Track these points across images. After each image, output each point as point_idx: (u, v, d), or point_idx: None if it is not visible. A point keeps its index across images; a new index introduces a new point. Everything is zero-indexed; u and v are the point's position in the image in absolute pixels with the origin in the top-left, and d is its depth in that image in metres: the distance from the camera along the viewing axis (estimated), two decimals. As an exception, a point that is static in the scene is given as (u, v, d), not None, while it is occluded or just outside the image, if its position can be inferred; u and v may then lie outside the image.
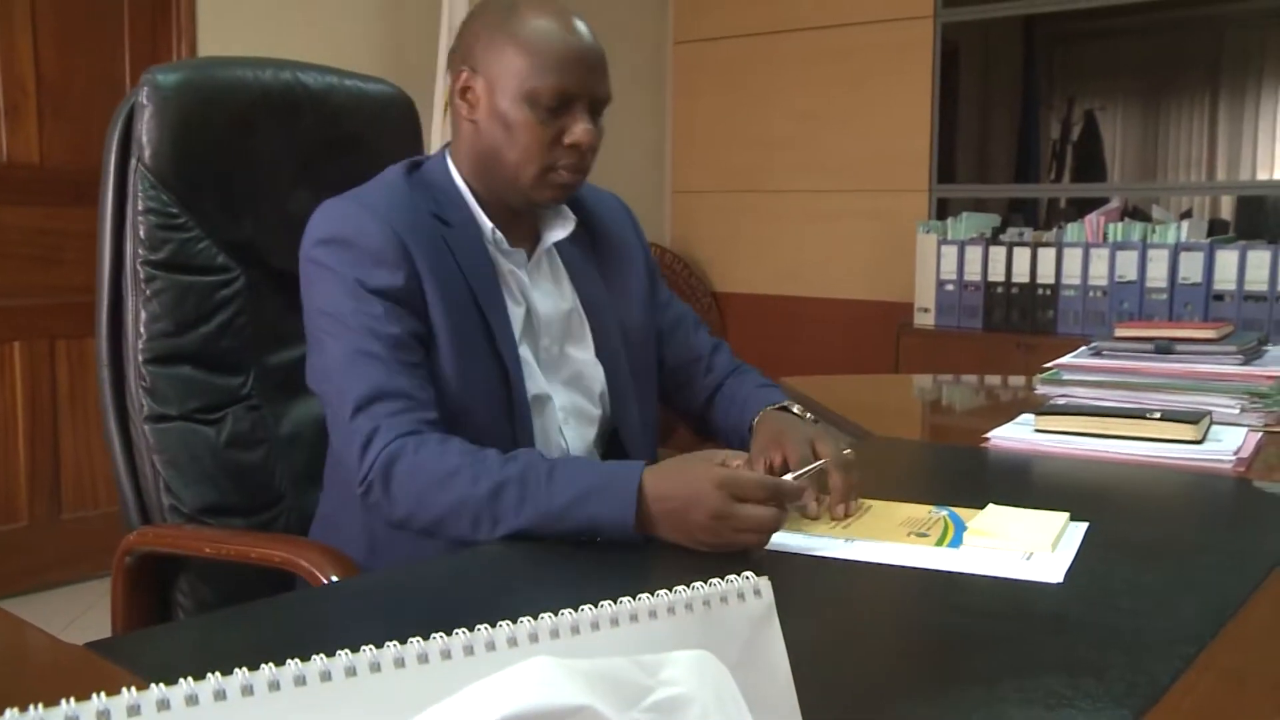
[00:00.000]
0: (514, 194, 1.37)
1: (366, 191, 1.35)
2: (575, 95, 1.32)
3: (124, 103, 1.45)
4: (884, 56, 4.39)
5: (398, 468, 1.19)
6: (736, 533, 1.08)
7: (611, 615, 0.48)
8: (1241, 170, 4.12)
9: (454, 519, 1.16)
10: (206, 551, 1.32)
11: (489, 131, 1.34)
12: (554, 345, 1.42)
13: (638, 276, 1.55)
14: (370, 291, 1.27)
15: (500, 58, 1.32)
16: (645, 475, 1.12)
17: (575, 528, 1.13)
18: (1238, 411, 1.73)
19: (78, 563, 3.33)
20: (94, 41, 3.34)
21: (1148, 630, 0.90)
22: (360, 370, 1.24)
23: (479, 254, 1.36)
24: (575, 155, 1.34)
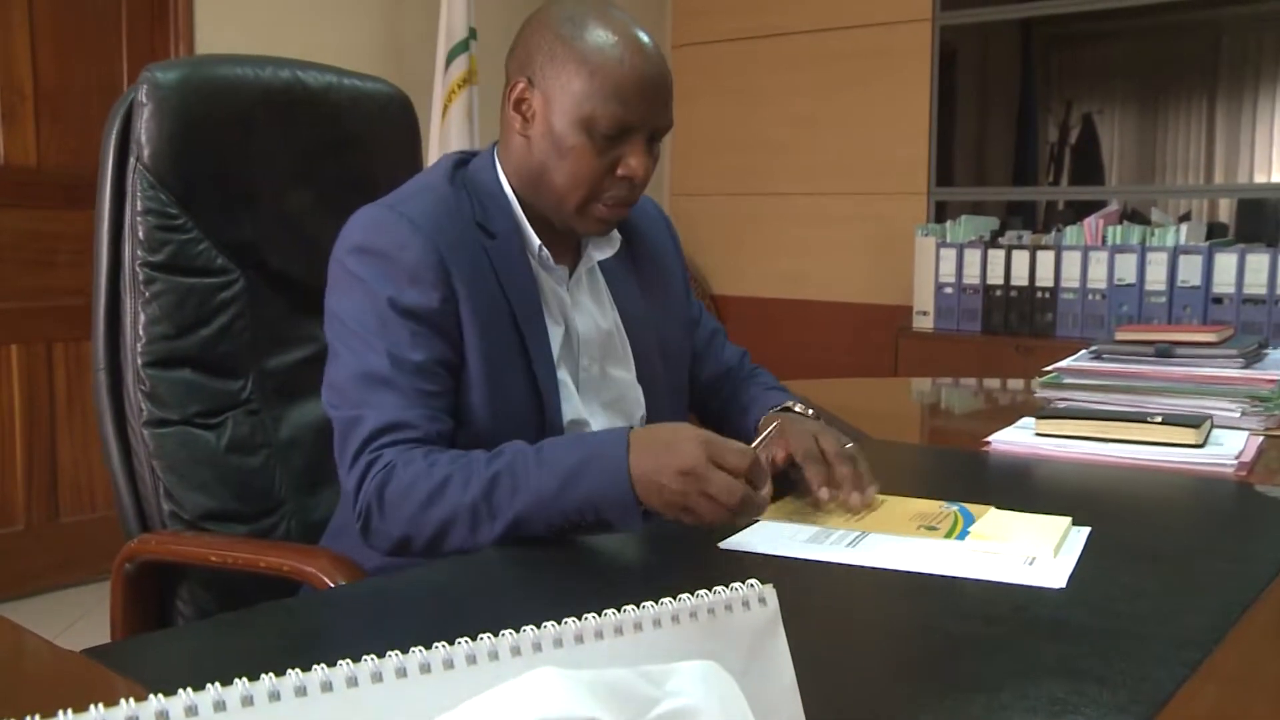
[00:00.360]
0: (557, 217, 1.32)
1: (408, 199, 1.29)
2: (636, 126, 1.26)
3: (121, 100, 1.43)
4: (882, 60, 4.39)
5: (388, 491, 1.16)
6: (702, 496, 1.06)
7: (615, 624, 0.48)
8: (1239, 173, 4.13)
9: (453, 529, 1.13)
10: (212, 560, 1.30)
11: (540, 149, 1.28)
12: (594, 366, 1.38)
13: (676, 291, 1.53)
14: (401, 312, 1.22)
15: (561, 74, 1.25)
16: (632, 436, 1.11)
17: (575, 507, 1.10)
18: (1238, 415, 1.73)
19: (75, 567, 3.33)
20: (91, 44, 3.34)
21: (1151, 636, 0.90)
22: (372, 398, 1.20)
23: (521, 269, 1.31)
24: (626, 187, 1.28)
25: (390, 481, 1.15)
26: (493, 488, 1.12)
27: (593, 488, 1.09)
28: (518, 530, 1.12)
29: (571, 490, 1.10)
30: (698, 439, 1.08)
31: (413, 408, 1.20)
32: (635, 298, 1.45)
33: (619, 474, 1.09)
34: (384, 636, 0.92)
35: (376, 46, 3.92)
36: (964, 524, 1.18)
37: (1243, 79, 4.11)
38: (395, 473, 1.16)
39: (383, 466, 1.16)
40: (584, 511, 1.10)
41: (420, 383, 1.21)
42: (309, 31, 3.69)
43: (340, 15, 3.81)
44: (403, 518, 1.15)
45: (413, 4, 4.01)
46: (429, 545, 1.16)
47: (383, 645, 0.90)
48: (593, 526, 1.12)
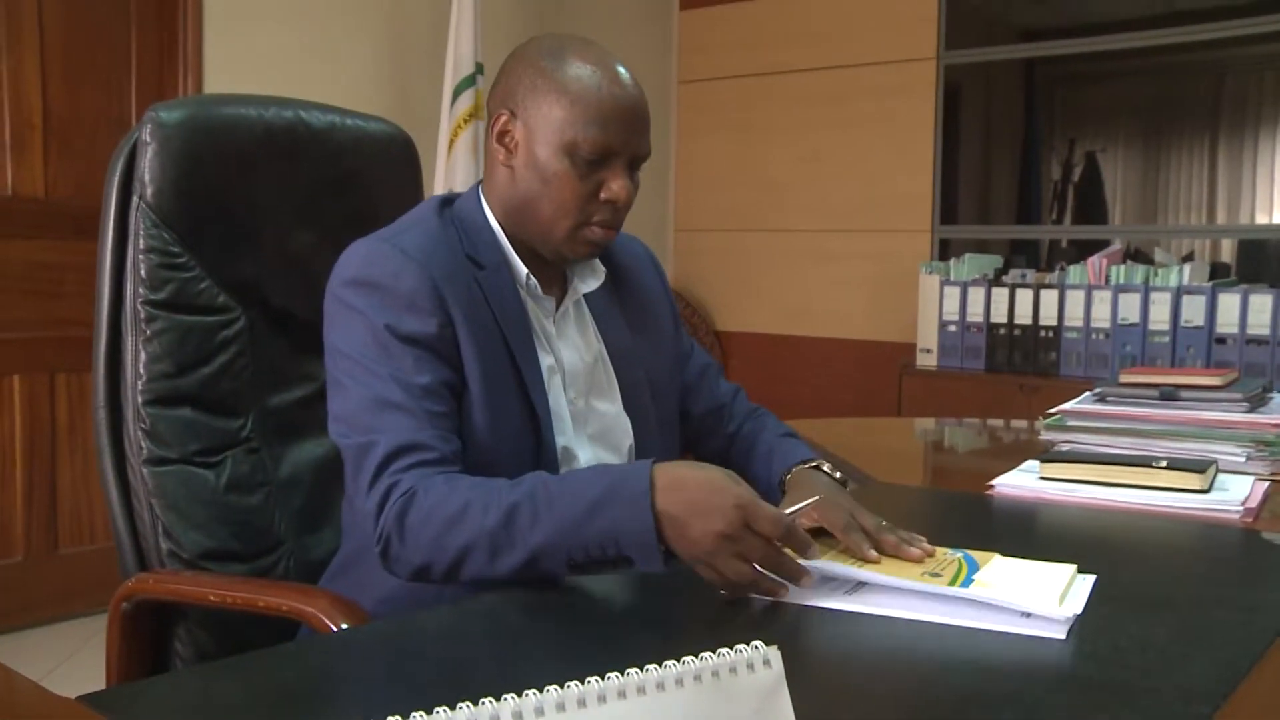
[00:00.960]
0: (545, 246, 1.34)
1: (400, 232, 1.31)
2: (616, 151, 1.29)
3: (125, 140, 1.44)
4: (887, 98, 4.41)
5: (409, 518, 1.15)
6: (735, 559, 1.05)
7: (619, 688, 0.47)
8: (1241, 214, 4.13)
9: (473, 555, 1.12)
10: (211, 600, 1.29)
11: (525, 179, 1.32)
12: (580, 399, 1.39)
13: (664, 326, 1.53)
14: (401, 339, 1.23)
15: (542, 104, 1.29)
16: (656, 474, 1.09)
17: (596, 541, 1.08)
18: (1243, 459, 1.72)
19: (74, 598, 3.31)
20: (101, 77, 3.36)
21: (1159, 689, 0.88)
22: (385, 422, 1.20)
23: (512, 299, 1.33)
24: (610, 211, 1.31)
25: (411, 508, 1.15)
26: (513, 516, 1.11)
27: (615, 520, 1.08)
28: (537, 564, 1.11)
29: (593, 521, 1.08)
30: (735, 501, 1.05)
31: (425, 429, 1.20)
32: (621, 332, 1.46)
33: (641, 507, 1.07)
34: (385, 684, 0.91)
35: (383, 81, 3.94)
36: (968, 571, 1.17)
37: (1244, 120, 4.12)
38: (416, 499, 1.15)
39: (403, 493, 1.16)
40: (605, 544, 1.08)
41: (429, 404, 1.22)
42: (316, 66, 3.71)
43: (347, 50, 3.83)
44: (423, 544, 1.14)
45: (419, 39, 4.04)
46: (448, 572, 1.14)
47: (384, 694, 0.89)
48: (613, 562, 1.10)
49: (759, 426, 1.56)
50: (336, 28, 3.80)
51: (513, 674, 0.93)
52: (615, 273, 1.48)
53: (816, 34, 4.58)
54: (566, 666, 0.94)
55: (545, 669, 0.91)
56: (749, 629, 1.04)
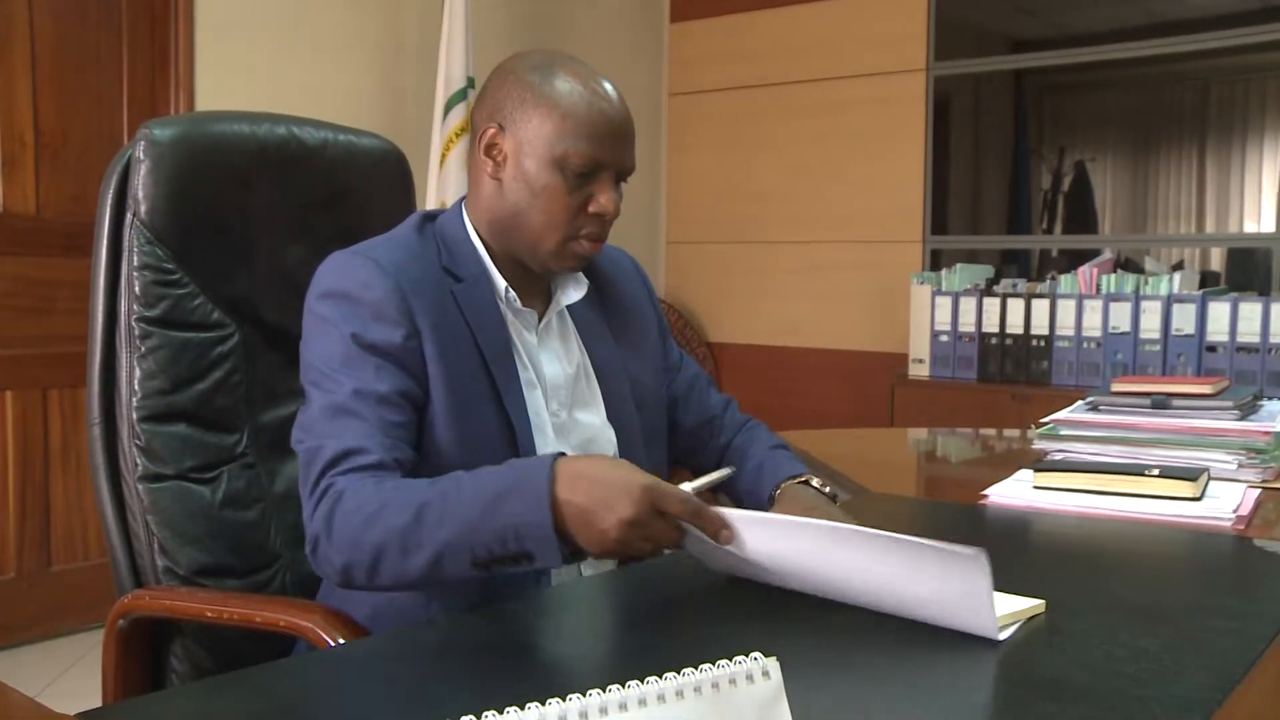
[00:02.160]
0: (532, 258, 1.36)
1: (374, 244, 1.33)
2: (605, 164, 1.32)
3: (119, 156, 1.44)
4: (877, 109, 4.43)
5: (334, 519, 1.16)
6: (643, 543, 1.06)
7: (620, 700, 0.47)
8: (1230, 222, 4.16)
9: (387, 555, 1.13)
10: (208, 616, 1.29)
11: (513, 192, 1.33)
12: (562, 410, 1.40)
13: (650, 337, 1.54)
14: (365, 348, 1.25)
15: (532, 118, 1.31)
16: (559, 467, 1.09)
17: (497, 535, 1.08)
18: (1235, 467, 1.73)
19: (67, 615, 3.30)
20: (92, 93, 3.37)
21: (1153, 698, 0.89)
22: (335, 429, 1.21)
23: (490, 311, 1.34)
24: (598, 224, 1.34)
25: (336, 509, 1.16)
26: (422, 513, 1.11)
27: (515, 513, 1.08)
28: (443, 562, 1.11)
29: (495, 515, 1.08)
30: (639, 487, 1.05)
31: (373, 435, 1.21)
32: (606, 343, 1.47)
33: (541, 499, 1.07)
34: (379, 699, 0.92)
35: (375, 95, 3.95)
36: None
37: (1231, 129, 4.15)
38: (342, 500, 1.16)
39: (335, 494, 1.17)
40: (506, 538, 1.08)
41: (384, 412, 1.23)
42: (308, 81, 3.72)
43: (340, 65, 3.84)
44: (344, 545, 1.15)
45: (411, 53, 4.05)
46: (368, 573, 1.15)
47: (379, 705, 0.89)
48: (516, 559, 1.09)
49: (750, 439, 1.56)
50: (328, 43, 3.81)
51: (511, 688, 0.93)
52: (600, 284, 1.49)
53: (806, 46, 4.60)
54: (565, 680, 0.94)
55: (544, 683, 0.91)
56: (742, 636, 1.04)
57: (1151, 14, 4.10)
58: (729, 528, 1.07)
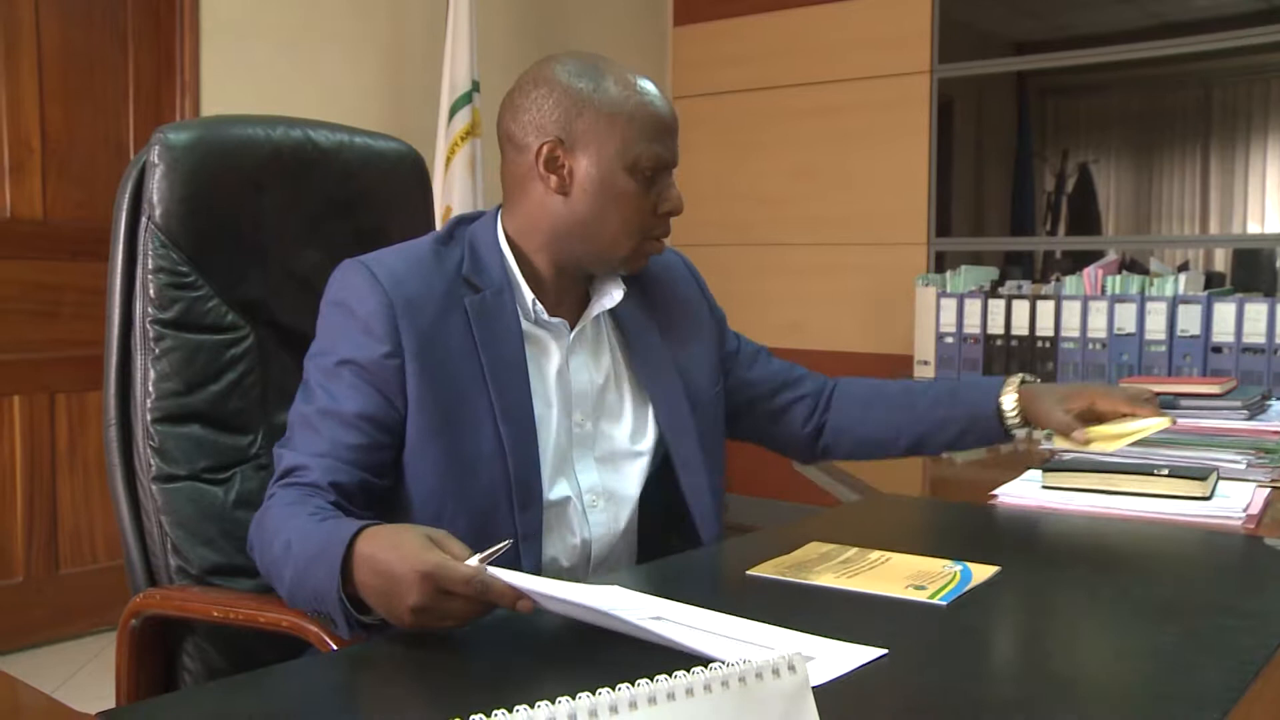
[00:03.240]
0: (602, 265, 1.37)
1: (383, 254, 1.34)
2: (669, 163, 1.35)
3: (135, 161, 1.45)
4: (881, 112, 4.44)
5: (254, 526, 1.24)
6: (440, 620, 1.02)
7: (649, 694, 0.48)
8: (1234, 223, 4.16)
9: (270, 574, 1.20)
10: (214, 615, 1.30)
11: (583, 204, 1.33)
12: (586, 421, 1.39)
13: (704, 334, 1.53)
14: (345, 362, 1.27)
15: (597, 128, 1.31)
16: (358, 544, 1.07)
17: (310, 594, 1.10)
18: (1244, 466, 1.73)
19: (74, 619, 3.31)
20: (99, 99, 3.37)
21: (1168, 695, 0.89)
22: (296, 440, 1.27)
23: (505, 325, 1.33)
24: (666, 224, 1.37)
25: (260, 519, 1.23)
26: (284, 553, 1.15)
27: (318, 580, 1.09)
28: (295, 602, 1.16)
29: (309, 576, 1.11)
30: (419, 575, 1.00)
31: (321, 455, 1.24)
32: (655, 345, 1.46)
33: (333, 574, 1.07)
34: (393, 700, 0.92)
35: (380, 99, 3.96)
36: (959, 584, 1.18)
37: (1234, 130, 4.15)
38: (265, 512, 1.22)
39: (265, 505, 1.24)
40: (315, 599, 1.10)
41: (341, 433, 1.25)
42: (314, 85, 3.73)
43: (344, 69, 3.85)
44: (255, 556, 1.24)
45: (416, 57, 4.06)
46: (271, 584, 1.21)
47: (392, 709, 0.90)
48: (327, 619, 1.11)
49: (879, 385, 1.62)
50: (334, 47, 3.82)
51: (534, 686, 0.94)
52: (646, 284, 1.48)
53: (810, 49, 4.61)
54: (588, 677, 0.95)
55: (567, 680, 0.92)
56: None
57: (1154, 15, 4.11)
58: (526, 600, 1.00)
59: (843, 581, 1.20)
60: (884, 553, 1.30)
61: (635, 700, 0.47)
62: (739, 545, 1.44)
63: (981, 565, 1.24)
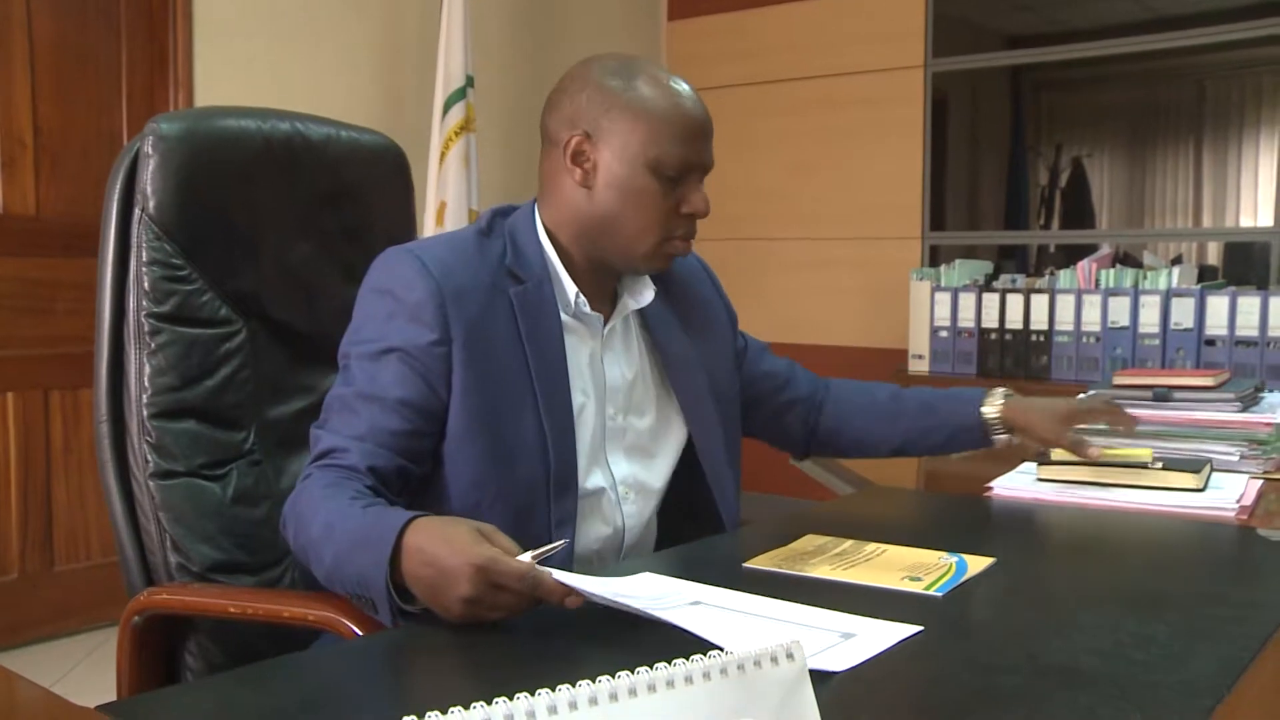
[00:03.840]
0: (624, 261, 1.37)
1: (430, 243, 1.36)
2: (695, 165, 1.35)
3: (125, 151, 1.44)
4: (875, 106, 4.44)
5: (286, 508, 1.24)
6: (489, 612, 1.03)
7: (649, 681, 0.48)
8: (1227, 217, 4.17)
9: (307, 556, 1.20)
10: (231, 612, 1.28)
11: (605, 199, 1.34)
12: (619, 414, 1.41)
13: (721, 331, 1.57)
14: (393, 349, 1.27)
15: (620, 124, 1.33)
16: (407, 534, 1.08)
17: (353, 578, 1.11)
18: (1237, 458, 1.74)
19: (70, 616, 3.30)
20: (92, 94, 3.36)
21: (1162, 684, 0.90)
22: (336, 423, 1.27)
23: (547, 316, 1.35)
24: (690, 224, 1.37)
25: (297, 499, 1.23)
26: (326, 534, 1.16)
27: (363, 566, 1.10)
28: (333, 584, 1.16)
29: (352, 561, 1.12)
30: (472, 568, 1.01)
31: (361, 438, 1.25)
32: (680, 341, 1.49)
33: (381, 563, 1.08)
34: (400, 691, 0.92)
35: (374, 94, 3.95)
36: (954, 575, 1.19)
37: (1227, 124, 4.16)
38: (302, 492, 1.23)
39: (301, 485, 1.24)
40: (359, 586, 1.11)
41: (382, 417, 1.26)
42: (308, 79, 3.72)
43: (338, 63, 3.85)
44: (291, 532, 1.24)
45: (410, 51, 4.05)
46: (306, 564, 1.22)
47: (399, 700, 0.90)
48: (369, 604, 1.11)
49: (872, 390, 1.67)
50: (328, 41, 3.81)
51: (536, 673, 0.94)
52: (669, 284, 1.51)
53: (804, 44, 4.61)
54: (595, 665, 0.95)
55: (568, 668, 0.92)
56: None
57: (1148, 9, 4.11)
58: (575, 596, 1.02)
59: (838, 573, 1.20)
60: (880, 545, 1.31)
61: (635, 687, 0.48)
62: (736, 538, 1.45)
63: (977, 557, 1.25)
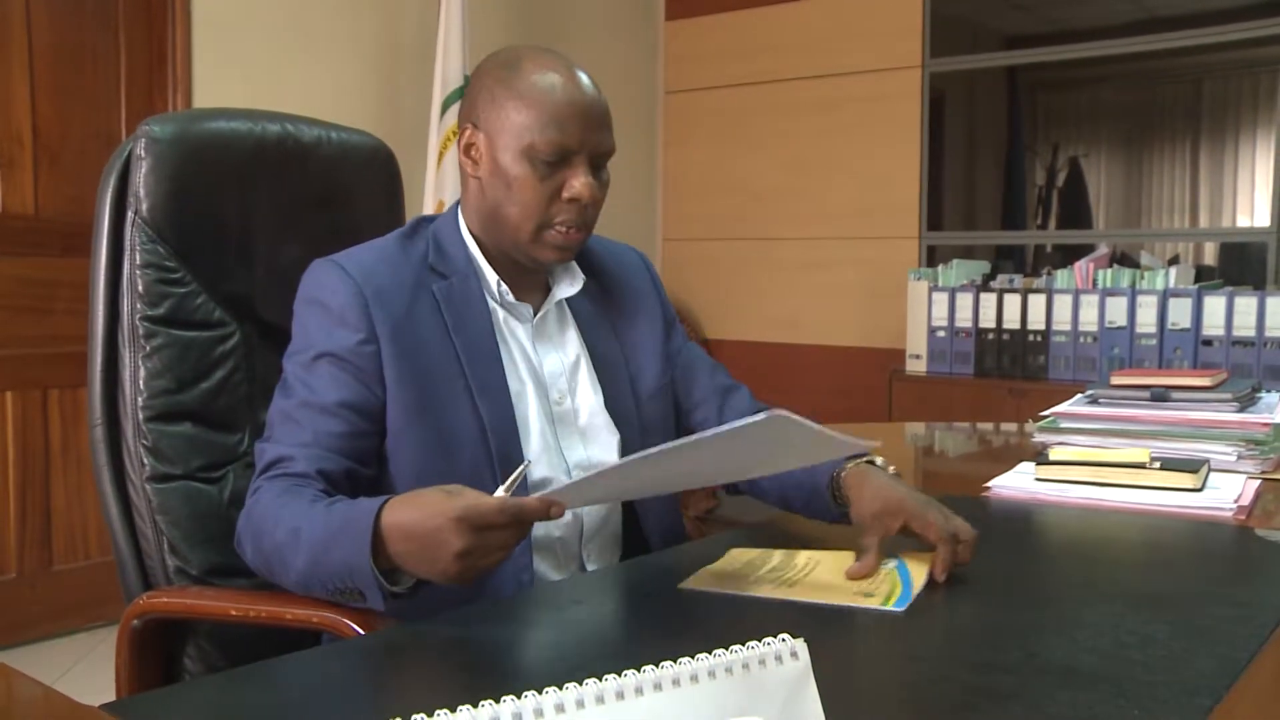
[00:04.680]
0: (518, 251, 1.37)
1: (351, 251, 1.36)
2: (574, 150, 1.32)
3: (117, 154, 1.43)
4: (873, 106, 4.45)
5: (246, 519, 1.24)
6: (486, 557, 1.05)
7: (655, 680, 0.48)
8: (1224, 217, 4.18)
9: (272, 564, 1.20)
10: (233, 615, 1.28)
11: (491, 188, 1.35)
12: (565, 399, 1.41)
13: (652, 331, 1.54)
14: (324, 355, 1.29)
15: (500, 113, 1.33)
16: (384, 511, 1.10)
17: (335, 571, 1.12)
18: (1234, 458, 1.74)
19: (68, 615, 3.30)
20: (90, 93, 3.36)
21: (1161, 683, 0.90)
22: (279, 434, 1.28)
23: (474, 308, 1.36)
24: (574, 210, 1.34)
25: (251, 512, 1.24)
26: (293, 538, 1.16)
27: (346, 555, 1.10)
28: (308, 586, 1.16)
29: (330, 554, 1.12)
30: (453, 521, 1.04)
31: (306, 445, 1.26)
32: (606, 337, 1.48)
33: (363, 547, 1.09)
34: (400, 690, 0.92)
35: (372, 94, 3.95)
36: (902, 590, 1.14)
37: (1224, 124, 4.17)
38: (255, 504, 1.23)
39: (254, 498, 1.24)
40: (343, 577, 1.12)
41: (323, 422, 1.27)
42: (306, 80, 3.72)
43: (336, 64, 3.84)
44: (248, 546, 1.24)
45: (408, 52, 4.05)
46: (268, 575, 1.23)
47: (400, 699, 0.90)
48: (354, 594, 1.12)
49: None
50: (326, 42, 3.81)
51: (541, 671, 0.94)
52: (602, 279, 1.51)
53: (801, 43, 4.61)
54: (594, 663, 0.95)
55: (572, 666, 0.92)
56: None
57: (1145, 9, 4.12)
58: (557, 504, 1.06)
59: (783, 591, 1.15)
60: (810, 553, 1.26)
61: (640, 686, 0.48)
62: (658, 558, 1.39)
63: (916, 558, 1.21)
